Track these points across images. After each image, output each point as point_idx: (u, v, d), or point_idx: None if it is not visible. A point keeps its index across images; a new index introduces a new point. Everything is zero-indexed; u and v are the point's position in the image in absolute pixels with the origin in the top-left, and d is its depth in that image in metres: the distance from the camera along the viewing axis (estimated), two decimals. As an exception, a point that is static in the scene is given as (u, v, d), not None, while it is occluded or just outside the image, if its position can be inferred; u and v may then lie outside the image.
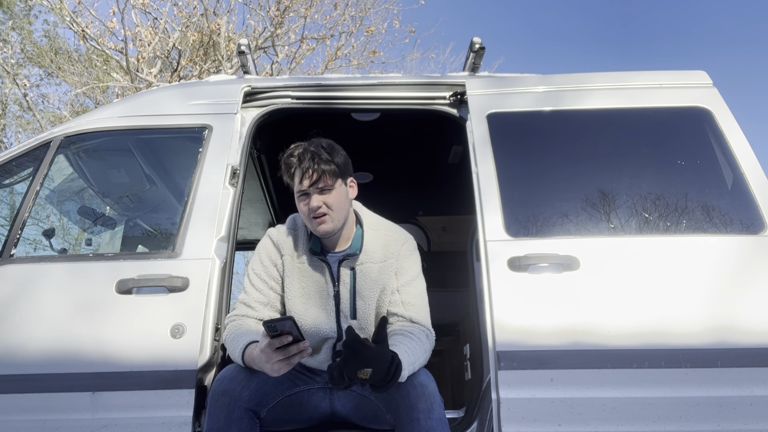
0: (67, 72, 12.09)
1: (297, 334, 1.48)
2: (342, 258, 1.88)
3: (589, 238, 2.16)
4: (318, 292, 1.87)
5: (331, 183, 1.79)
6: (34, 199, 2.35)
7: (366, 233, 1.91)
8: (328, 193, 1.78)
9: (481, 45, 2.68)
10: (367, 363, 1.43)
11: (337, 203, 1.80)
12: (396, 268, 1.88)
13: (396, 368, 1.48)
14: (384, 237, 1.92)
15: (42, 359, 2.01)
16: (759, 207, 2.20)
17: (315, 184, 1.77)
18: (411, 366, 1.60)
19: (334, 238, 1.88)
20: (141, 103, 2.59)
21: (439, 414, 1.57)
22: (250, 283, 1.90)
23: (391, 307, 1.86)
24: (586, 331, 1.99)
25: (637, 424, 1.90)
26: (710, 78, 2.56)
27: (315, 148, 1.80)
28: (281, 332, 1.47)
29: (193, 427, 1.93)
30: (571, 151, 2.41)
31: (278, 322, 1.44)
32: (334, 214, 1.79)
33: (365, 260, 1.88)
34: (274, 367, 1.51)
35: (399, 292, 1.87)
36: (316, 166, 1.76)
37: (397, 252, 1.89)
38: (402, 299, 1.86)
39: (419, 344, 1.71)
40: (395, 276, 1.88)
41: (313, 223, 1.80)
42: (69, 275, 2.15)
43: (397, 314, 1.85)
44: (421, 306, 1.87)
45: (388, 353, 1.48)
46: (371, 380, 1.44)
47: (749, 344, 1.96)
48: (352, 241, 1.91)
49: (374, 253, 1.88)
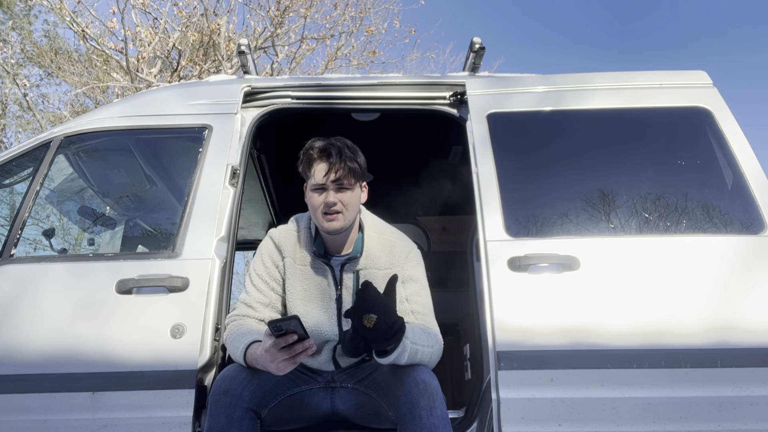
0: (67, 72, 12.09)
1: (302, 332, 1.48)
2: (345, 261, 1.87)
3: (589, 238, 2.16)
4: (320, 294, 1.86)
5: (352, 182, 1.79)
6: (34, 199, 2.35)
7: (369, 237, 1.90)
8: (346, 192, 1.78)
9: (481, 45, 2.68)
10: (373, 309, 1.45)
11: (352, 204, 1.80)
12: (402, 277, 1.85)
13: (399, 326, 1.49)
14: (389, 243, 1.90)
15: (42, 359, 2.01)
16: (759, 207, 2.20)
17: (337, 180, 1.76)
18: (413, 345, 1.59)
19: (339, 241, 1.87)
20: (141, 103, 2.59)
21: (441, 411, 1.57)
22: (252, 284, 1.90)
23: (401, 315, 1.85)
24: (586, 331, 1.99)
25: (637, 424, 1.90)
26: (710, 78, 2.56)
27: (341, 144, 1.80)
28: (286, 331, 1.47)
29: (193, 427, 1.93)
30: (571, 151, 2.41)
31: (283, 322, 1.45)
32: (348, 213, 1.79)
33: (369, 265, 1.86)
34: (279, 366, 1.52)
35: (408, 301, 1.85)
36: (342, 164, 1.76)
37: (402, 261, 1.88)
38: (412, 308, 1.83)
39: (427, 337, 1.71)
40: (402, 285, 1.85)
41: (323, 218, 1.78)
42: (69, 275, 2.15)
43: (408, 323, 1.83)
44: (430, 316, 1.85)
45: (395, 306, 1.51)
46: (374, 330, 1.45)
47: (749, 344, 1.96)
48: (354, 245, 1.90)
49: (378, 259, 1.87)
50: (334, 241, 1.87)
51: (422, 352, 1.64)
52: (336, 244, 1.88)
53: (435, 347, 1.72)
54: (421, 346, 1.64)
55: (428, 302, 1.88)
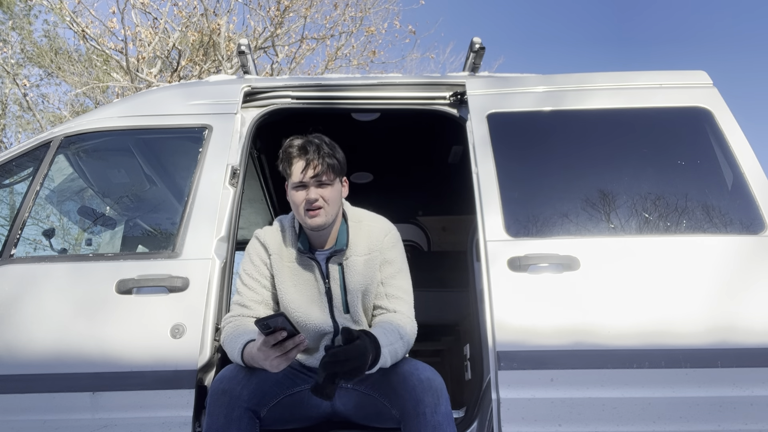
0: (67, 72, 12.09)
1: (291, 328, 1.48)
2: (330, 255, 1.89)
3: (589, 238, 2.16)
4: (310, 289, 1.88)
5: (331, 178, 1.80)
6: (34, 199, 2.35)
7: (351, 227, 1.92)
8: (326, 187, 1.80)
9: (481, 45, 2.68)
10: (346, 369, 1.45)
11: (333, 199, 1.81)
12: (380, 260, 1.89)
13: (372, 356, 1.52)
14: (367, 228, 1.92)
15: (42, 359, 2.01)
16: (759, 207, 2.20)
17: (317, 176, 1.78)
18: (390, 346, 1.63)
19: (322, 236, 1.88)
20: (141, 103, 2.59)
21: (446, 409, 1.57)
22: (243, 284, 1.90)
23: (377, 299, 1.89)
24: (586, 331, 1.99)
25: (637, 424, 1.90)
26: (710, 78, 2.57)
27: (319, 141, 1.82)
28: (275, 329, 1.47)
29: (193, 427, 1.93)
30: (571, 151, 2.41)
31: (270, 320, 1.44)
32: (329, 208, 1.80)
33: (350, 254, 1.88)
34: (273, 363, 1.52)
35: (384, 284, 1.89)
36: (321, 159, 1.77)
37: (380, 244, 1.90)
38: (386, 292, 1.88)
39: (396, 332, 1.73)
40: (380, 268, 1.89)
41: (305, 215, 1.79)
42: (69, 275, 2.15)
43: (381, 307, 1.87)
44: (405, 299, 1.89)
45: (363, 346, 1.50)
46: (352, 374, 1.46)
47: (749, 344, 1.96)
48: (338, 237, 1.91)
49: (358, 246, 1.89)
50: (318, 236, 1.88)
51: (399, 347, 1.69)
52: (320, 240, 1.89)
53: (406, 336, 1.76)
54: (398, 344, 1.69)
55: (404, 284, 1.91)
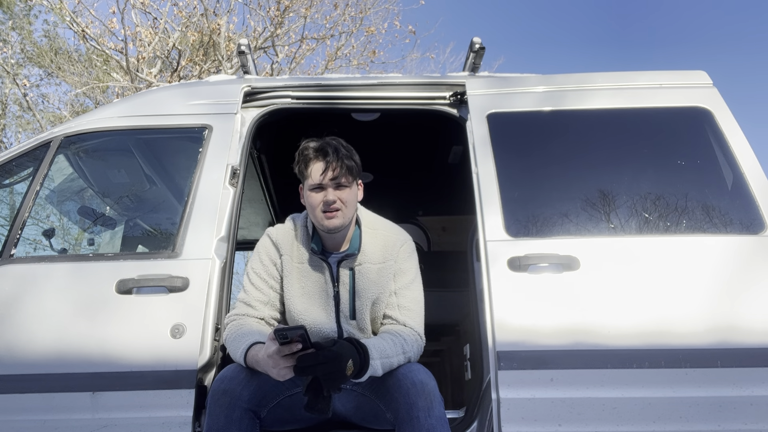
0: (67, 72, 12.08)
1: (307, 344, 1.48)
2: (342, 258, 1.88)
3: (589, 238, 2.16)
4: (318, 292, 1.87)
5: (349, 180, 1.81)
6: (34, 199, 2.35)
7: (364, 233, 1.91)
8: (344, 189, 1.80)
9: (481, 45, 2.68)
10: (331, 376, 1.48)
11: (350, 201, 1.82)
12: (395, 270, 1.88)
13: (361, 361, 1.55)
14: (383, 237, 1.92)
15: (42, 359, 2.01)
16: (759, 207, 2.20)
17: (335, 179, 1.78)
18: (385, 359, 1.63)
19: (336, 238, 1.88)
20: (141, 103, 2.59)
21: (439, 412, 1.57)
22: (250, 282, 1.90)
23: (388, 309, 1.88)
24: (586, 331, 1.99)
25: (637, 424, 1.90)
26: (710, 78, 2.56)
27: (336, 143, 1.82)
28: (291, 340, 1.47)
29: (193, 427, 1.93)
30: (571, 151, 2.41)
31: (290, 331, 1.45)
32: (347, 210, 1.81)
33: (364, 261, 1.88)
34: (281, 373, 1.52)
35: (396, 295, 1.88)
36: (339, 162, 1.78)
37: (396, 254, 1.90)
38: (398, 302, 1.87)
39: (401, 345, 1.73)
40: (393, 278, 1.88)
41: (322, 216, 1.80)
42: (69, 275, 2.14)
43: (392, 317, 1.86)
44: (417, 311, 1.88)
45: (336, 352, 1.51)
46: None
47: (749, 344, 1.96)
48: (351, 241, 1.91)
49: (373, 254, 1.89)
50: (332, 239, 1.88)
51: (397, 360, 1.68)
52: (334, 242, 1.89)
53: (410, 352, 1.75)
54: (395, 357, 1.68)
55: (417, 296, 1.90)
